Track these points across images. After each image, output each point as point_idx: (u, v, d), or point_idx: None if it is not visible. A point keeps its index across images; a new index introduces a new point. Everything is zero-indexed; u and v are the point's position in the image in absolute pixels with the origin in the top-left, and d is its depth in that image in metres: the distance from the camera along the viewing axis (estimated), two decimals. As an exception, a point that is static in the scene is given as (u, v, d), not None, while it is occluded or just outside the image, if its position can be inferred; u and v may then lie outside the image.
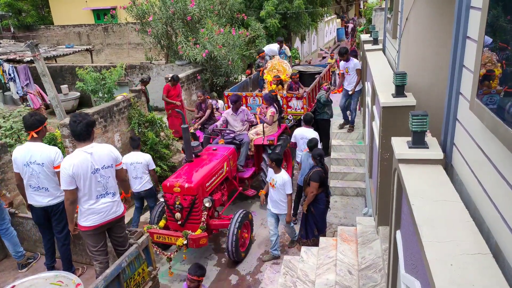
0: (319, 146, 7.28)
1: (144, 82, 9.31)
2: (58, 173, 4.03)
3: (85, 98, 12.23)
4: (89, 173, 3.77)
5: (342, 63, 8.44)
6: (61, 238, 4.43)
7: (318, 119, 8.79)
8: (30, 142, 4.20)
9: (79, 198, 3.87)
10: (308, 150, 6.38)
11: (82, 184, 3.78)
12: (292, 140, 7.41)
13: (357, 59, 8.88)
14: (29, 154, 4.13)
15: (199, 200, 5.84)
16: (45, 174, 4.16)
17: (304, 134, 7.05)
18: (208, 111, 8.41)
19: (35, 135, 4.18)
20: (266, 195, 6.06)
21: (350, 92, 8.31)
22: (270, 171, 5.90)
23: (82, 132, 3.77)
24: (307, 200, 5.82)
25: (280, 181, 5.66)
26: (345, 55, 8.25)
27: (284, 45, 11.67)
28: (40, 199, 4.24)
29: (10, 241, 4.76)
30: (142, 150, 6.96)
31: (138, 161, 6.27)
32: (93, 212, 3.88)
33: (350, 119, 8.81)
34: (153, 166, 6.46)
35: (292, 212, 6.00)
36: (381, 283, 4.10)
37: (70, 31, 20.13)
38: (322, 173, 5.76)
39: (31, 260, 4.90)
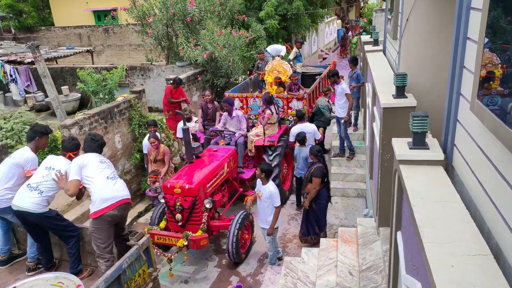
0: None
1: None
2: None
3: (86, 99, 12.22)
4: (97, 161, 4.33)
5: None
6: (67, 244, 4.50)
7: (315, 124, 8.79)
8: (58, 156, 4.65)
9: (94, 183, 4.18)
10: (299, 144, 6.96)
11: (92, 167, 4.23)
12: (291, 139, 7.48)
13: (358, 66, 8.74)
14: (50, 161, 4.50)
15: (200, 201, 5.84)
16: (51, 180, 4.38)
17: (304, 129, 7.28)
18: (218, 114, 8.40)
19: (73, 156, 4.58)
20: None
21: (342, 121, 7.88)
22: (258, 182, 5.72)
23: (96, 149, 4.46)
24: (310, 196, 5.84)
25: (266, 193, 5.50)
26: (331, 78, 7.95)
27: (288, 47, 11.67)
28: (26, 199, 4.25)
29: (7, 235, 4.82)
30: (140, 151, 7.90)
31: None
32: (107, 192, 4.16)
33: (347, 146, 8.25)
34: None
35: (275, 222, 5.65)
36: (382, 284, 4.10)
37: (70, 32, 20.14)
38: (323, 169, 5.85)
39: (40, 266, 4.84)
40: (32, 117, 8.25)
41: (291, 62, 10.71)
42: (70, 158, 4.54)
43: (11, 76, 11.65)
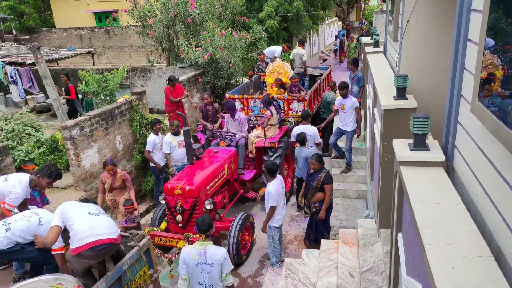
0: (317, 147, 7.51)
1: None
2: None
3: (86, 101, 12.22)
4: (83, 205, 4.07)
5: (339, 98, 7.69)
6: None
7: (322, 118, 9.06)
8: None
9: (75, 223, 3.85)
10: (299, 144, 7.00)
11: (73, 208, 3.97)
12: (292, 139, 7.49)
13: (359, 68, 8.73)
14: (40, 210, 4.37)
15: (200, 203, 5.84)
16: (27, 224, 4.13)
17: (305, 130, 7.27)
18: (220, 116, 8.39)
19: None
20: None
21: (356, 136, 7.70)
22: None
23: None
24: (326, 204, 5.76)
25: (266, 191, 5.50)
26: (344, 89, 7.43)
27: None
28: None
29: None
30: (141, 152, 7.89)
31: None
32: (85, 228, 3.80)
33: (346, 160, 7.96)
34: None
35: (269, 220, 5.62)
36: (383, 286, 4.09)
37: (71, 33, 20.18)
38: (330, 173, 5.89)
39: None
40: (33, 118, 8.25)
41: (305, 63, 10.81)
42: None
43: (11, 77, 11.66)
